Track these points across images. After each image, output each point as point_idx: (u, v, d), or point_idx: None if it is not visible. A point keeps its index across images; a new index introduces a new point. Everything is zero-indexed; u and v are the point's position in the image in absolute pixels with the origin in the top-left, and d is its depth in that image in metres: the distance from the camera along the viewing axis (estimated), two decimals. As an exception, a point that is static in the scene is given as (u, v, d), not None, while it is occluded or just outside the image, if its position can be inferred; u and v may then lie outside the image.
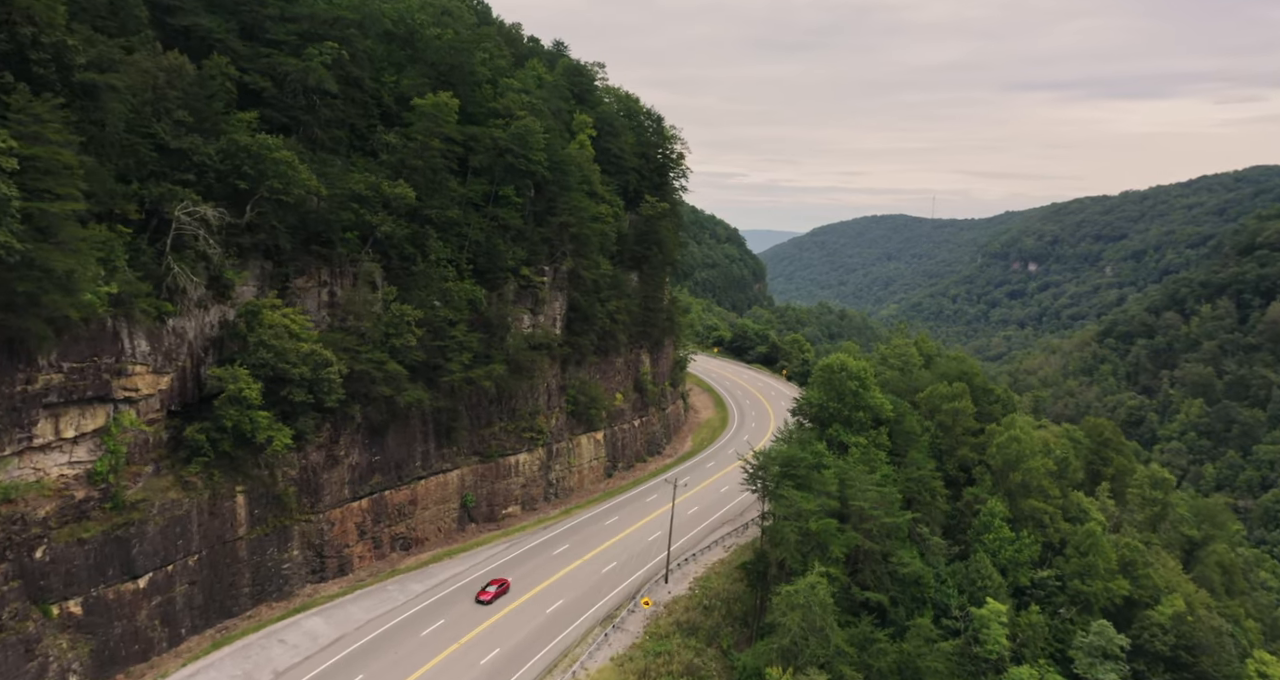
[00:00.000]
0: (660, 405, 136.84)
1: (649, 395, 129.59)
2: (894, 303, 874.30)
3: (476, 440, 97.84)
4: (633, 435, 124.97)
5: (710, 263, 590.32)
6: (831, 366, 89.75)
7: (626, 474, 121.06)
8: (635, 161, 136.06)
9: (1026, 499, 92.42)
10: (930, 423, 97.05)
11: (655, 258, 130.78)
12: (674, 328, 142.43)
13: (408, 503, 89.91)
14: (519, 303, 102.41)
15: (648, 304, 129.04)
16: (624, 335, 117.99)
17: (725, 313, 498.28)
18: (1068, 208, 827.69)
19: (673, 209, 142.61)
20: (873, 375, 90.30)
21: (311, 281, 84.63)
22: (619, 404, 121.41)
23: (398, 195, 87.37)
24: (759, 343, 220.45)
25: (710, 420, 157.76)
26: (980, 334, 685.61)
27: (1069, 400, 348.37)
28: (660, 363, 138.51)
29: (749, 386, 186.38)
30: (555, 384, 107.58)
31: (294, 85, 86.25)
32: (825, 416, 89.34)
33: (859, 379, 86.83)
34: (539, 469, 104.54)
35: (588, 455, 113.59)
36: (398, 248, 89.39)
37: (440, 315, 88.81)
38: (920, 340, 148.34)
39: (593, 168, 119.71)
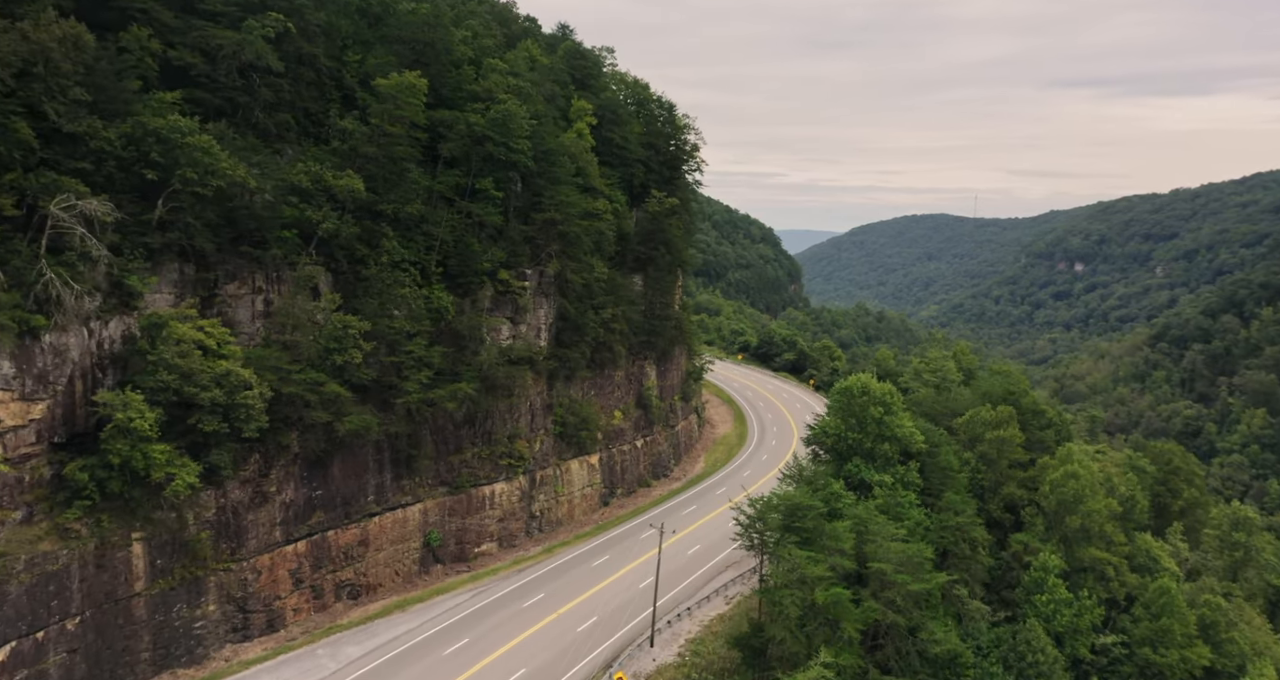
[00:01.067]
0: (668, 422, 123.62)
1: (654, 412, 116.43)
2: (934, 304, 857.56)
3: (444, 469, 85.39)
4: (634, 457, 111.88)
5: (744, 263, 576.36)
6: (851, 389, 75.57)
7: (626, 502, 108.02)
8: (642, 153, 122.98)
9: (1086, 547, 77.90)
10: (970, 454, 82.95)
11: (662, 259, 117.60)
12: (684, 336, 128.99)
13: (356, 544, 77.62)
14: (496, 311, 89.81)
15: (653, 311, 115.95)
16: (623, 346, 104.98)
17: (758, 315, 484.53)
18: (1115, 206, 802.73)
19: (683, 205, 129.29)
20: (900, 400, 76.13)
21: (245, 288, 72.75)
22: (617, 423, 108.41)
23: (344, 187, 75.20)
24: (786, 349, 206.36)
25: (727, 437, 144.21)
26: (1024, 336, 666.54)
27: (1119, 409, 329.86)
28: (669, 375, 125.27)
29: (773, 398, 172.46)
30: (540, 403, 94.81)
31: (227, 62, 74.45)
32: (843, 449, 75.43)
33: (884, 404, 72.64)
34: (519, 500, 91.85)
35: (579, 482, 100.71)
36: (347, 249, 77.31)
37: (395, 327, 76.41)
38: (959, 352, 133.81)
39: (589, 158, 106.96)
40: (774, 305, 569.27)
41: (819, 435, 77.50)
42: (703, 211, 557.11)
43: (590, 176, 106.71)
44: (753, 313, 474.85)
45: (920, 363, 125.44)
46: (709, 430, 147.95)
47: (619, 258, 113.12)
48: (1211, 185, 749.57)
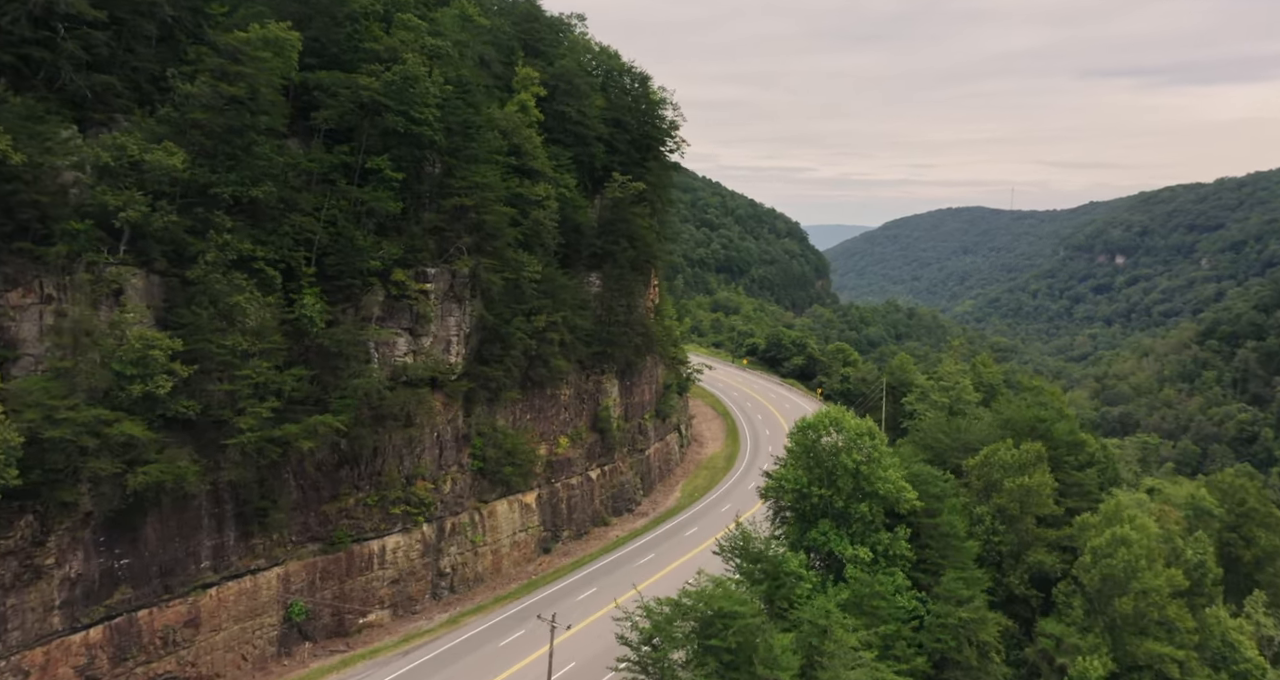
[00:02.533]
0: (635, 446, 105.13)
1: (614, 436, 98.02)
2: (970, 298, 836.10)
3: (313, 522, 67.66)
4: (586, 492, 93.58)
5: (768, 259, 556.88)
6: (816, 428, 55.84)
7: (574, 547, 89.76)
8: (603, 130, 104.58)
9: (1141, 641, 58.06)
10: (984, 509, 63.61)
11: (624, 254, 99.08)
12: (654, 344, 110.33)
13: (183, 625, 60.03)
14: (389, 321, 71.91)
15: (612, 316, 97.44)
16: (566, 360, 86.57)
17: (781, 313, 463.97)
18: (1158, 196, 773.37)
19: (656, 191, 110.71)
20: (883, 441, 56.39)
21: (31, 297, 55.51)
22: (563, 452, 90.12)
23: (156, 164, 57.70)
24: (795, 353, 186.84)
25: (714, 458, 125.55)
26: (1063, 332, 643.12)
27: (1166, 412, 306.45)
28: (637, 390, 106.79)
29: (774, 409, 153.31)
30: (451, 433, 76.78)
31: (14, 7, 57.42)
32: (807, 509, 56.35)
33: (863, 449, 53.41)
34: (421, 555, 73.88)
35: (508, 528, 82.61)
36: (172, 243, 59.86)
37: (226, 345, 58.73)
38: (980, 363, 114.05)
39: (528, 134, 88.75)
40: (800, 302, 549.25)
41: (775, 488, 58.28)
42: (726, 203, 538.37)
43: (531, 156, 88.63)
44: (775, 310, 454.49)
45: (928, 379, 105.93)
46: (694, 450, 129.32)
47: (569, 253, 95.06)
48: (1259, 174, 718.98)
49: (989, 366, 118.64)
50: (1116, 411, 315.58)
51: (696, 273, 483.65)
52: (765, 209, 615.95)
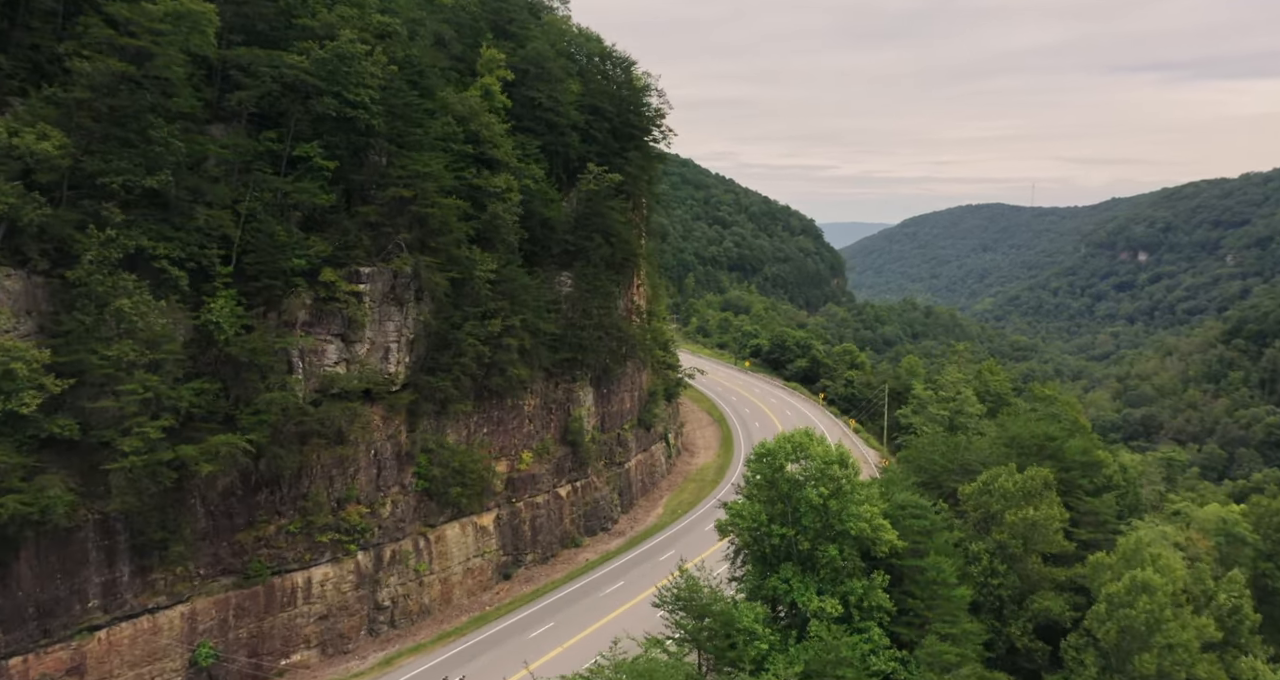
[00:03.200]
0: (613, 459, 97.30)
1: (586, 449, 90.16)
2: (989, 297, 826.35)
3: (226, 552, 60.23)
4: (554, 511, 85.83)
5: (781, 256, 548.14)
6: (773, 455, 47.41)
7: (538, 572, 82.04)
8: (578, 118, 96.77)
9: (1166, 704, 49.98)
10: (982, 545, 55.11)
11: (599, 251, 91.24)
12: (635, 348, 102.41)
13: (64, 673, 52.74)
14: (317, 326, 64.39)
15: (585, 318, 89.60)
16: (525, 368, 78.70)
17: (794, 311, 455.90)
18: (1181, 192, 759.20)
19: (638, 183, 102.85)
20: (855, 471, 47.73)
21: (-110, 301, 48.56)
22: (527, 468, 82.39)
23: (24, 148, 50.44)
24: (799, 355, 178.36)
25: (704, 469, 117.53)
26: (1084, 330, 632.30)
27: (1190, 414, 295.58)
28: (615, 399, 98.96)
29: (773, 416, 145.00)
30: (392, 450, 69.19)
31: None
32: (767, 551, 48.00)
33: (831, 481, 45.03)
34: (355, 587, 66.32)
35: (460, 553, 74.96)
36: (55, 240, 52.70)
37: (109, 356, 51.36)
38: (985, 371, 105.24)
39: (488, 120, 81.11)
40: (814, 300, 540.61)
41: (731, 523, 49.65)
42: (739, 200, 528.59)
43: (491, 144, 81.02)
44: (788, 309, 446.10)
45: (924, 389, 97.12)
46: (684, 460, 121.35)
47: (537, 250, 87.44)
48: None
49: (996, 374, 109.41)
50: (1139, 413, 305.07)
51: (708, 271, 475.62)
52: (779, 206, 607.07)
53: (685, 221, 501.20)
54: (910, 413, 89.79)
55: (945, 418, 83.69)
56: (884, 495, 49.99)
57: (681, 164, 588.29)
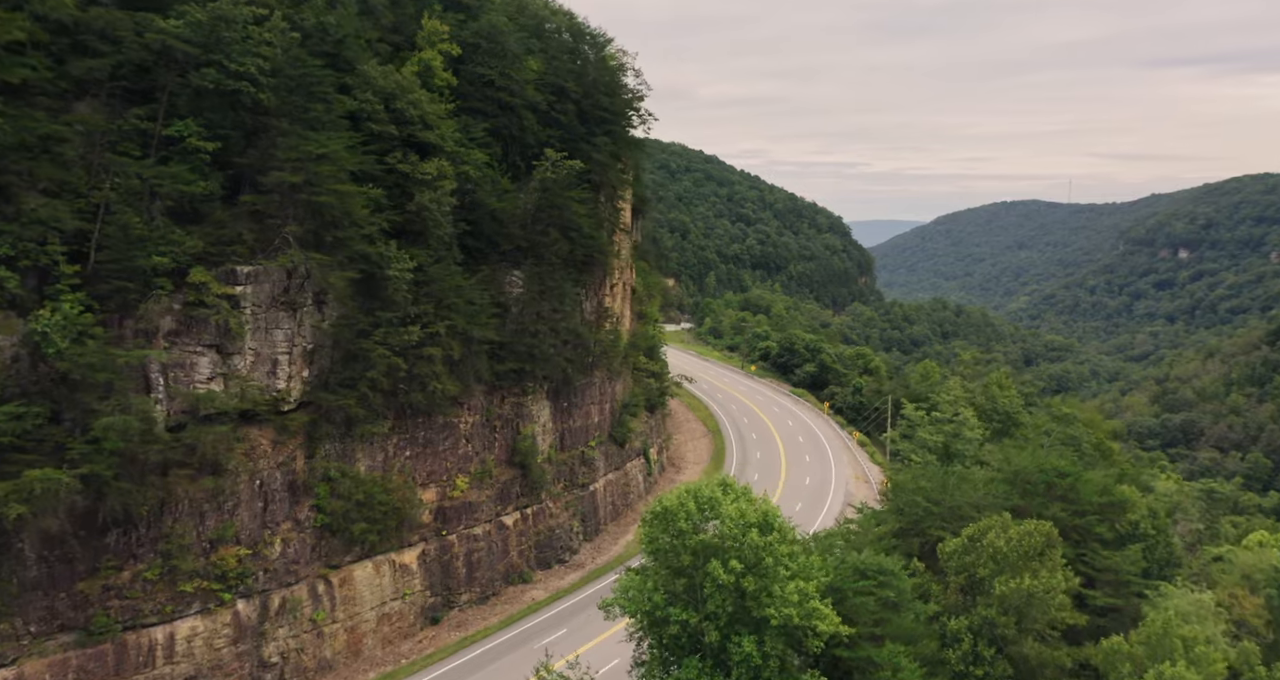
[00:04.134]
0: (575, 481, 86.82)
1: (538, 471, 79.70)
2: (1024, 295, 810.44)
3: (64, 605, 50.38)
4: (497, 543, 75.43)
5: (807, 254, 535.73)
6: (672, 515, 36.07)
7: (474, 615, 71.67)
8: (538, 98, 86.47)
9: None
10: (962, 622, 43.54)
11: (555, 248, 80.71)
12: (604, 356, 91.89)
13: None
14: (185, 335, 54.49)
15: (535, 323, 79.10)
16: (455, 383, 68.30)
17: (818, 311, 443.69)
18: (1223, 187, 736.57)
19: (607, 172, 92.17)
20: (786, 537, 36.48)
21: None
22: (460, 495, 72.04)
23: None
24: (807, 359, 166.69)
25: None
26: (1122, 329, 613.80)
27: (1233, 420, 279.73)
28: (579, 413, 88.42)
29: (772, 426, 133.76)
30: (282, 481, 59.13)
31: None
32: (667, 640, 37.10)
33: (752, 551, 33.35)
34: (232, 642, 56.27)
35: (373, 597, 64.74)
36: None
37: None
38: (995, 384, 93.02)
39: (418, 97, 70.87)
40: (841, 299, 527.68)
41: (618, 603, 38.40)
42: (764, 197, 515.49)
43: (424, 126, 70.90)
44: (811, 308, 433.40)
45: (918, 410, 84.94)
46: (669, 477, 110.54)
47: (483, 246, 77.24)
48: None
49: (1007, 388, 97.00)
50: (1178, 419, 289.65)
51: (730, 269, 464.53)
52: (806, 203, 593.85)
53: (707, 219, 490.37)
54: (899, 437, 78.00)
55: (939, 444, 72.05)
56: (834, 557, 39.05)
57: (705, 160, 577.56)
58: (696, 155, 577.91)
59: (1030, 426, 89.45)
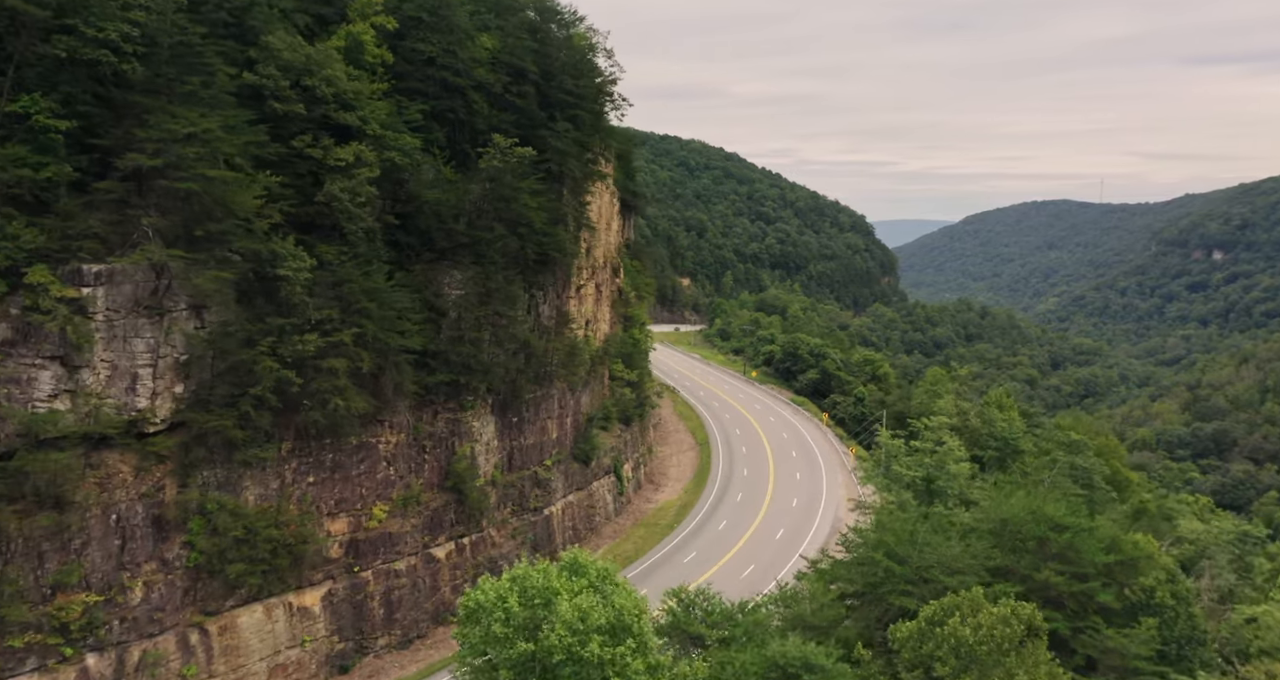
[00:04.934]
0: (526, 505, 78.09)
1: (478, 496, 70.96)
2: (1054, 296, 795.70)
3: None
4: (424, 579, 66.82)
5: (828, 254, 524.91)
6: (484, 613, 26.96)
7: (393, 661, 63.11)
8: (492, 79, 77.89)
9: None
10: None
11: (497, 245, 71.92)
12: (564, 366, 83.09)
13: None
14: (21, 347, 46.21)
15: (474, 331, 70.33)
16: (365, 399, 59.61)
17: (837, 312, 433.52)
18: (1260, 187, 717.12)
19: (570, 162, 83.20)
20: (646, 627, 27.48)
21: None
22: (377, 526, 63.45)
23: None
24: (811, 365, 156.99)
25: (663, 509, 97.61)
26: (1154, 332, 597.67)
27: (1269, 430, 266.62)
28: (531, 429, 79.66)
29: (765, 438, 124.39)
30: (145, 515, 50.76)
31: None
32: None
33: (595, 668, 24.76)
34: (76, 707, 47.96)
35: (263, 647, 56.25)
36: None
37: None
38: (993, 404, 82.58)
39: (333, 73, 62.34)
40: (862, 300, 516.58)
41: None
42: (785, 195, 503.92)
43: (342, 106, 62.43)
44: (830, 309, 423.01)
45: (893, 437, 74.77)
46: (645, 496, 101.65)
47: (414, 243, 68.77)
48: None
49: (1008, 410, 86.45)
50: (1210, 428, 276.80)
51: (748, 268, 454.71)
52: (828, 201, 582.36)
53: (726, 217, 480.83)
54: (869, 475, 67.68)
55: (918, 481, 62.22)
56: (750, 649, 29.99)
57: (725, 157, 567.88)
58: (716, 152, 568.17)
59: (1034, 453, 79.35)
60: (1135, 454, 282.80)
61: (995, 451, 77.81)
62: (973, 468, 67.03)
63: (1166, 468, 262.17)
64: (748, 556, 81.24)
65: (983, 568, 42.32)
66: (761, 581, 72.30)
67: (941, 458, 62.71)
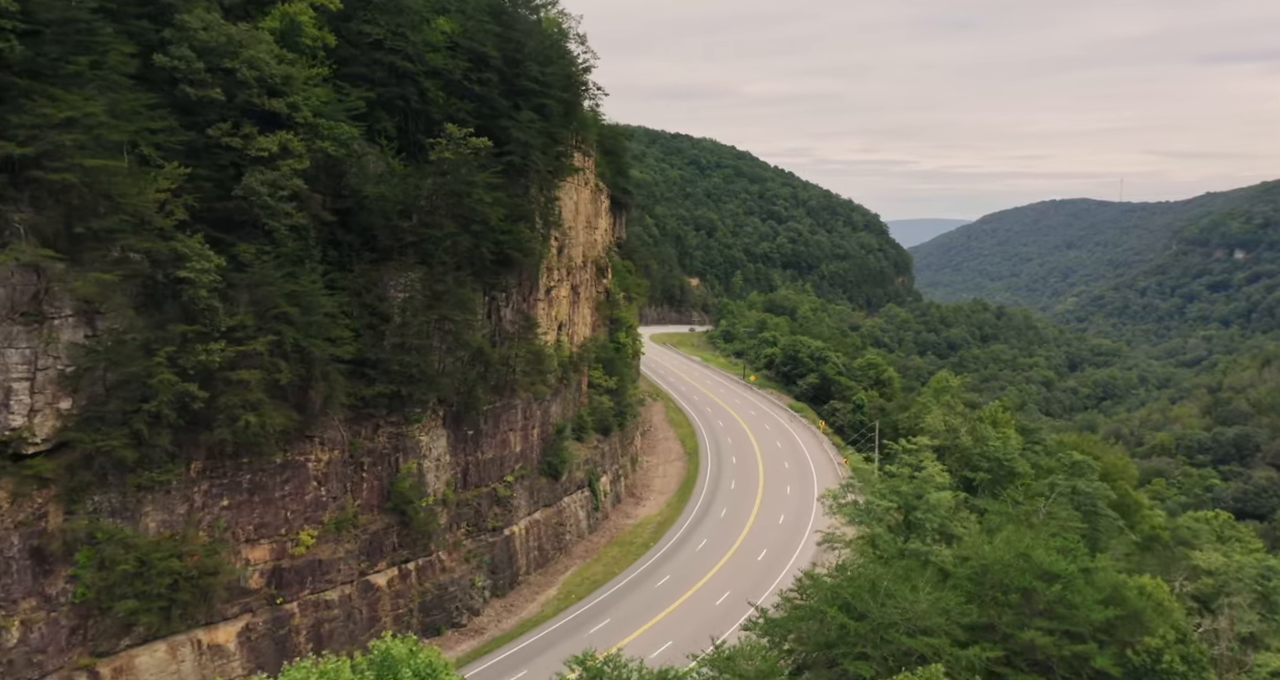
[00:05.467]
0: (483, 526, 72.30)
1: (425, 517, 65.20)
2: (1072, 296, 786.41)
3: None
4: (360, 609, 61.06)
5: (841, 253, 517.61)
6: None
7: (321, 701, 57.25)
8: (449, 64, 72.33)
9: None
10: None
11: (451, 245, 66.19)
12: (534, 373, 77.27)
13: None
14: None
15: (418, 338, 64.55)
16: (282, 413, 53.85)
17: (848, 313, 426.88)
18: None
19: (533, 154, 77.23)
20: None
21: None
22: (304, 553, 57.75)
23: None
24: (810, 369, 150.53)
25: (641, 525, 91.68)
26: (1174, 333, 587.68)
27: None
28: (490, 443, 73.83)
29: (758, 447, 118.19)
30: (23, 545, 45.22)
31: None
32: None
33: None
34: (-68, 767, 42.49)
35: (163, 691, 50.61)
36: None
37: None
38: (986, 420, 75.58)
39: (255, 55, 56.68)
40: (876, 300, 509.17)
41: None
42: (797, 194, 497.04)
43: (266, 91, 56.85)
44: (841, 310, 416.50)
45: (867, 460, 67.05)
46: (623, 511, 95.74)
47: (353, 240, 63.14)
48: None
49: (1004, 426, 79.00)
50: (1231, 433, 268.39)
51: (759, 268, 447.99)
52: (841, 200, 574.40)
53: (737, 216, 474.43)
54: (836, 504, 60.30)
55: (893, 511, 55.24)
56: None
57: (737, 156, 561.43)
58: (728, 151, 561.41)
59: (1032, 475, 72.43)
60: (1154, 459, 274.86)
61: (988, 473, 70.80)
62: (956, 495, 59.77)
63: (1186, 474, 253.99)
64: (725, 581, 75.17)
65: (957, 625, 36.24)
66: (736, 610, 66.16)
67: (920, 485, 55.87)
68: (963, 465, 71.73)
